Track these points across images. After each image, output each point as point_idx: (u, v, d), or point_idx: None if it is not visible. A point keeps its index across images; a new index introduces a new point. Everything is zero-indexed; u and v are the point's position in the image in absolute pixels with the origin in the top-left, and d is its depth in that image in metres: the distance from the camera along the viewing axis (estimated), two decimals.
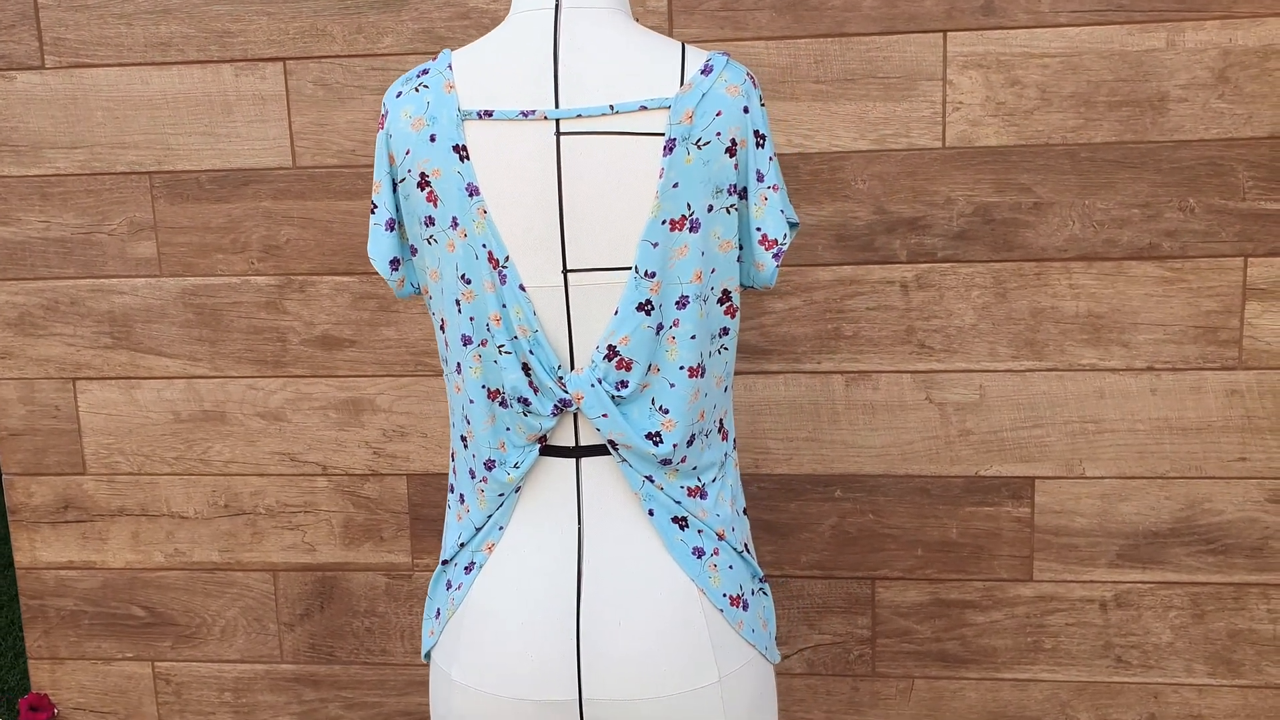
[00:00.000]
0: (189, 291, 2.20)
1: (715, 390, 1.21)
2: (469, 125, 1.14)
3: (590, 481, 1.18)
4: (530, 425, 1.17)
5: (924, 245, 2.03)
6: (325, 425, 2.22)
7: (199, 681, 2.35)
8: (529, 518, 1.20)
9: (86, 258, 2.22)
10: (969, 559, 2.13)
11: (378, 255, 1.23)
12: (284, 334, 2.20)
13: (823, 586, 2.17)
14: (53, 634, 2.37)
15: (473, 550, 1.22)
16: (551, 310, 1.15)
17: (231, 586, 2.31)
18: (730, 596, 1.21)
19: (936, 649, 2.17)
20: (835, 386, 2.10)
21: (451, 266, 1.16)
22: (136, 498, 2.30)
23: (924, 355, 2.07)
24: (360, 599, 2.29)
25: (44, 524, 2.33)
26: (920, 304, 2.05)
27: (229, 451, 2.26)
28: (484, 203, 1.14)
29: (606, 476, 1.18)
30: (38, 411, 2.28)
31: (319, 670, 2.32)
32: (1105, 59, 1.95)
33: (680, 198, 1.13)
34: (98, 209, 2.20)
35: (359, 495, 2.25)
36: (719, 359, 1.21)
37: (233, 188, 2.16)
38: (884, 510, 2.13)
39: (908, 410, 2.09)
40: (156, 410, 2.26)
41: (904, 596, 2.16)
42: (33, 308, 2.24)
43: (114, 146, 2.17)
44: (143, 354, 2.24)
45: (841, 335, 2.08)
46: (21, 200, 2.21)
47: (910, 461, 2.11)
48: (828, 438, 2.12)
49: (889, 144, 2.01)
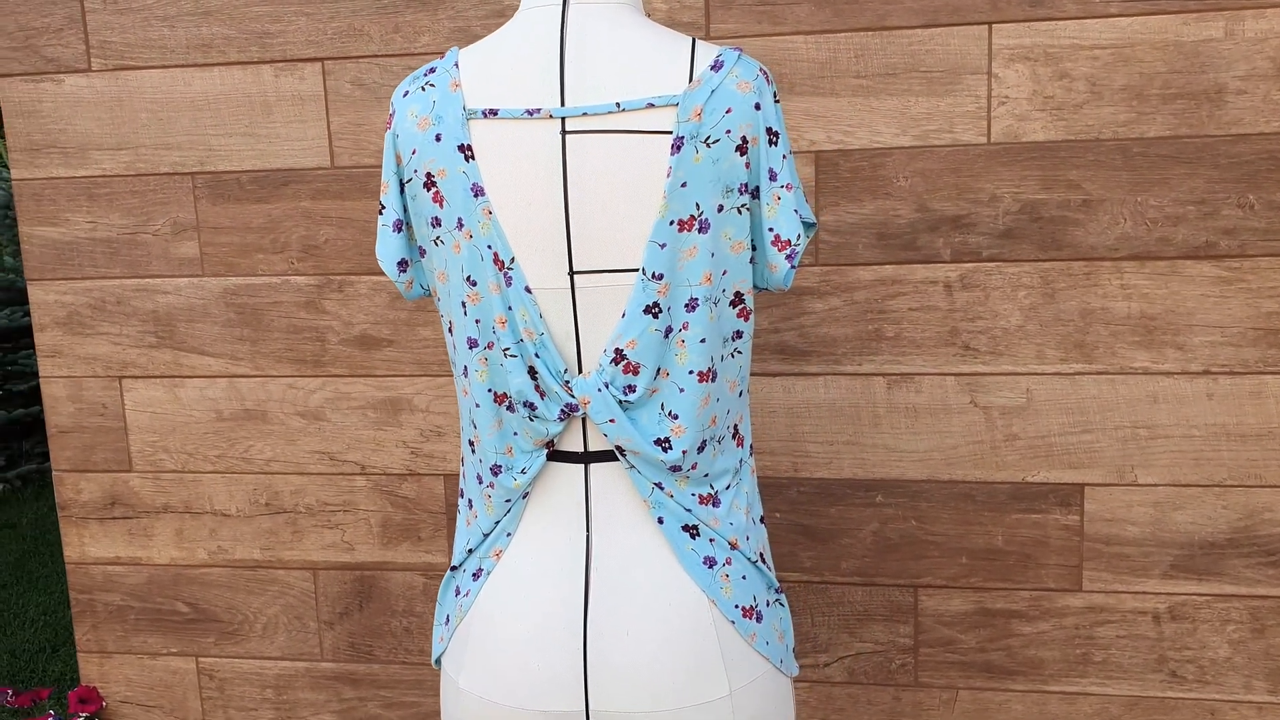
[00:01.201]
0: (230, 291, 2.22)
1: (728, 395, 1.18)
2: (474, 124, 1.12)
3: (599, 488, 1.16)
4: (537, 430, 1.14)
5: (968, 244, 1.98)
6: (364, 425, 2.23)
7: (241, 678, 2.37)
8: (537, 524, 1.17)
9: (132, 258, 2.24)
10: (1015, 567, 2.06)
11: (385, 257, 1.21)
12: (323, 333, 2.21)
13: (863, 593, 2.12)
14: (101, 628, 2.41)
15: (480, 557, 1.20)
16: (558, 312, 1.13)
17: (273, 584, 2.33)
18: (743, 608, 1.17)
19: (981, 659, 2.10)
20: (876, 389, 2.05)
21: (458, 268, 1.14)
22: (180, 495, 2.32)
23: (968, 357, 2.01)
24: (398, 598, 2.29)
25: (92, 520, 2.36)
26: (964, 304, 2.00)
27: (270, 450, 2.27)
28: (489, 203, 1.11)
29: (615, 483, 1.16)
30: (85, 409, 2.32)
31: (358, 669, 2.33)
32: (1159, 50, 1.87)
33: (689, 198, 1.10)
34: (142, 209, 2.22)
35: (397, 495, 2.25)
36: (732, 363, 1.17)
37: (273, 188, 2.17)
38: (927, 516, 2.08)
39: (951, 414, 2.03)
40: (199, 409, 2.28)
41: (948, 605, 2.10)
42: (80, 307, 2.28)
43: (158, 148, 2.19)
44: (186, 353, 2.26)
45: (883, 336, 2.03)
46: (70, 201, 2.24)
47: (954, 466, 2.05)
48: (869, 441, 2.07)
49: (932, 140, 1.95)
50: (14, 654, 3.44)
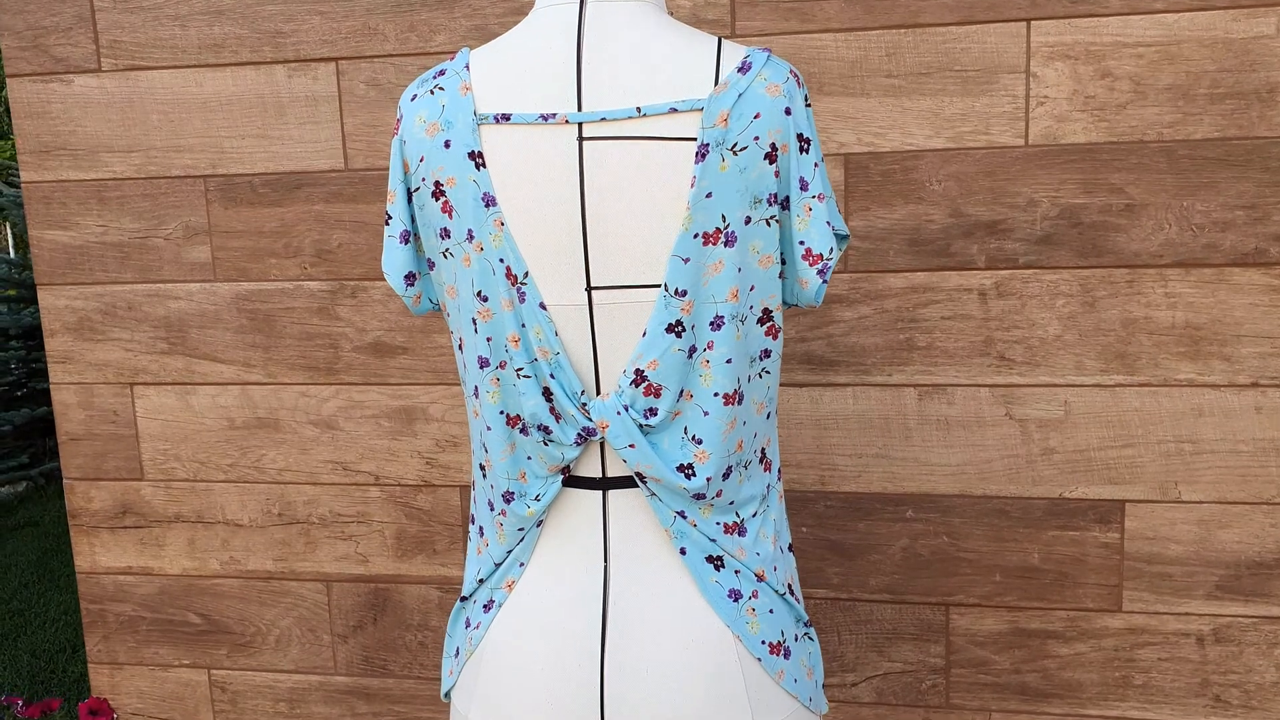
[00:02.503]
0: (242, 296, 2.17)
1: (755, 418, 1.11)
2: (485, 130, 1.05)
3: (618, 516, 1.09)
4: (552, 455, 1.08)
5: (1004, 250, 1.90)
6: (378, 434, 2.17)
7: (254, 690, 2.32)
8: (551, 554, 1.11)
9: (143, 262, 2.19)
10: (1051, 586, 1.98)
11: (392, 270, 1.14)
12: (336, 340, 2.15)
13: (893, 611, 2.05)
14: (112, 639, 2.36)
15: (492, 587, 1.13)
16: (574, 331, 1.06)
17: (285, 596, 2.27)
18: (770, 644, 1.10)
19: (1016, 681, 2.03)
20: (907, 400, 1.97)
21: (468, 282, 1.08)
22: (192, 504, 2.27)
23: (1004, 368, 1.93)
24: (413, 612, 2.23)
25: (103, 529, 2.32)
26: (1000, 313, 1.92)
27: (282, 459, 2.22)
28: (501, 214, 1.05)
29: (635, 511, 1.09)
30: (96, 416, 2.27)
31: (372, 683, 2.27)
32: (1207, 48, 1.78)
33: (714, 209, 1.03)
34: (153, 213, 2.17)
35: (412, 506, 2.19)
36: (759, 384, 1.10)
37: (285, 191, 2.11)
38: (959, 532, 2.00)
39: (986, 427, 1.95)
40: (211, 416, 2.23)
41: (980, 624, 2.02)
42: (91, 312, 2.23)
43: (169, 150, 2.14)
44: (198, 360, 2.21)
45: (915, 346, 1.95)
46: (80, 205, 2.19)
47: (988, 481, 1.97)
48: (899, 454, 1.99)
49: (967, 142, 1.88)
50: (34, 654, 3.41)
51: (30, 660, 3.37)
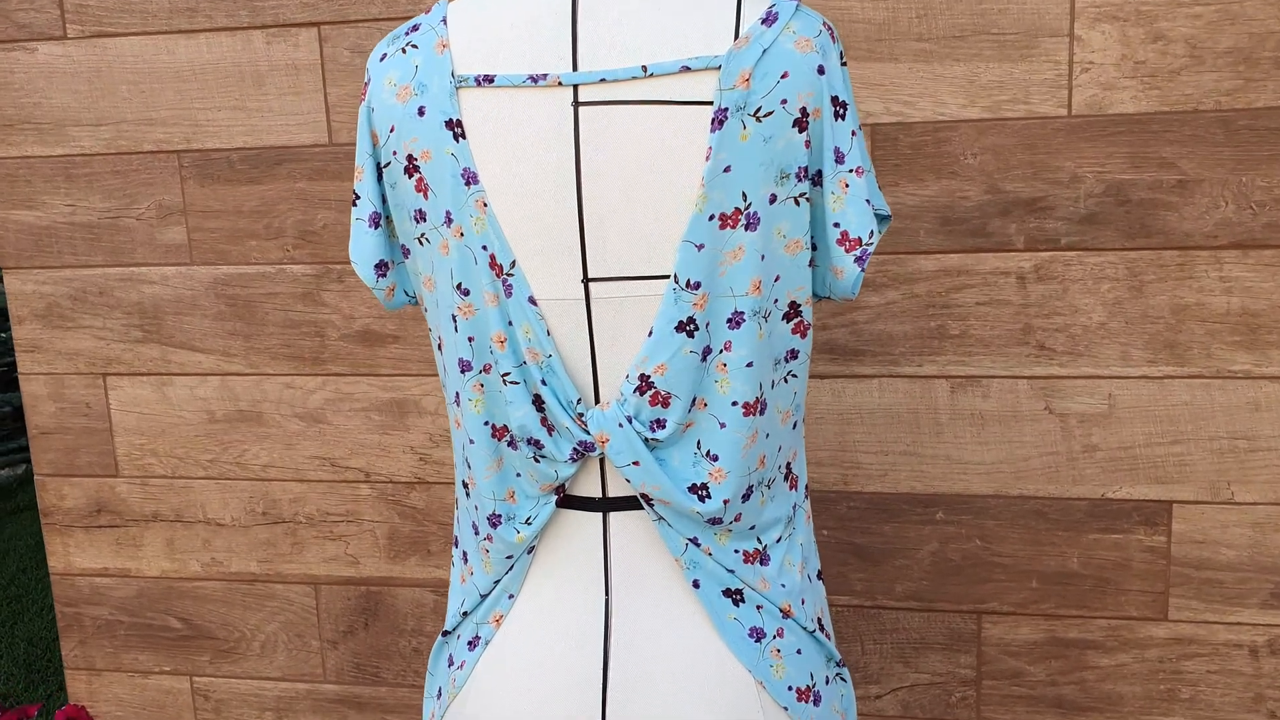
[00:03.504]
0: (221, 281, 2.02)
1: (780, 429, 0.96)
2: (465, 94, 0.90)
3: (621, 543, 0.94)
4: (544, 473, 0.93)
5: (1045, 230, 1.74)
6: (368, 428, 2.03)
7: (239, 699, 2.19)
8: (544, 586, 0.96)
9: (114, 244, 2.05)
10: (1092, 593, 1.84)
11: (360, 258, 0.99)
12: (322, 328, 2.00)
13: (921, 620, 1.90)
14: (89, 644, 2.23)
15: (477, 622, 0.99)
16: (569, 329, 0.91)
17: (271, 599, 2.14)
18: (797, 689, 0.96)
19: (1052, 694, 1.88)
20: (939, 393, 1.82)
21: (446, 273, 0.93)
22: (171, 502, 2.13)
23: (1043, 358, 1.78)
24: (407, 617, 2.09)
25: (77, 528, 2.18)
26: (1040, 298, 1.76)
27: (266, 455, 2.07)
28: (484, 193, 0.90)
29: (641, 537, 0.94)
30: (68, 409, 2.13)
31: (364, 692, 2.14)
32: (1272, 6, 1.62)
33: (733, 185, 0.87)
34: (125, 191, 2.02)
35: (405, 505, 2.05)
36: (784, 390, 0.95)
37: (265, 167, 1.96)
38: (993, 535, 1.85)
39: (1023, 421, 1.80)
40: (190, 409, 2.08)
41: (1015, 634, 1.88)
42: (60, 298, 2.08)
43: (140, 123, 1.99)
44: (174, 348, 2.07)
45: (947, 334, 1.80)
46: (46, 182, 2.04)
47: (1025, 480, 1.82)
48: (929, 452, 1.84)
49: (1004, 111, 1.72)
50: (30, 641, 3.30)
51: (26, 648, 3.26)
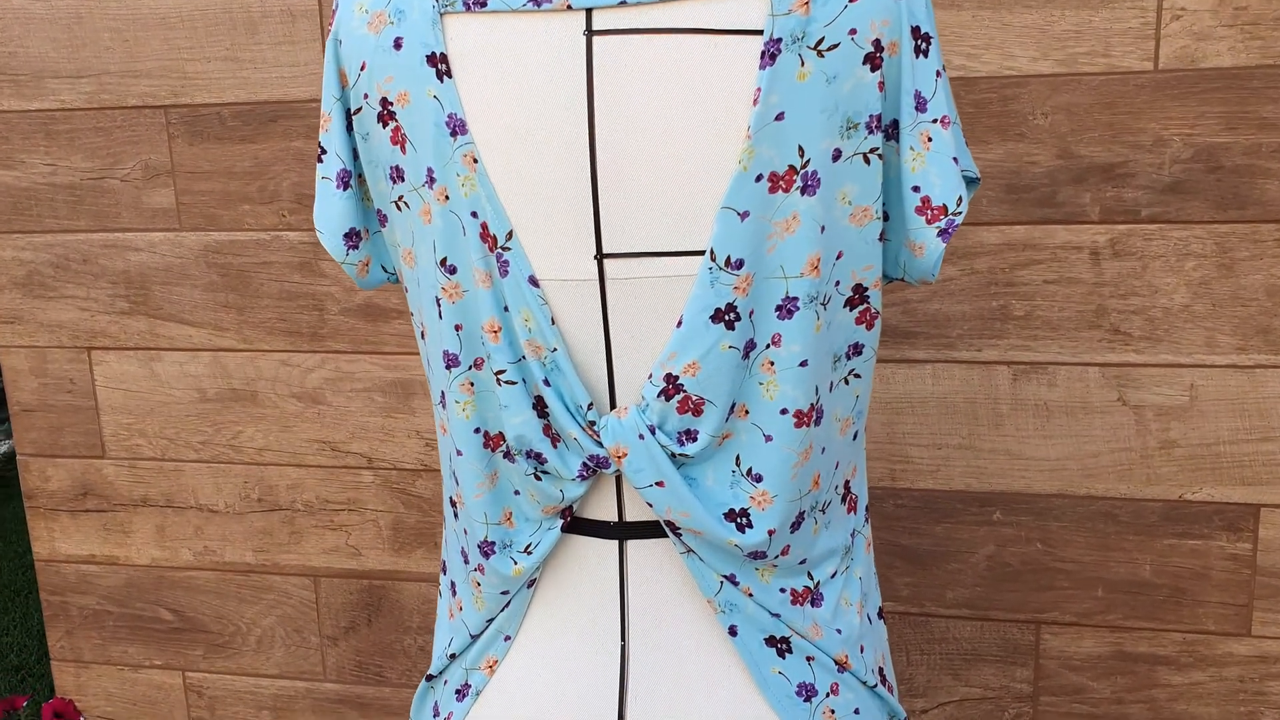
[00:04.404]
0: (212, 249, 1.86)
1: (838, 441, 0.78)
2: (451, 23, 0.72)
3: (641, 579, 0.77)
4: (547, 493, 0.76)
5: (1123, 200, 1.55)
6: (370, 410, 1.86)
7: (234, 696, 2.05)
8: (547, 628, 0.79)
9: (98, 208, 1.89)
10: (1165, 604, 1.66)
11: (327, 225, 0.82)
12: (320, 301, 1.84)
13: (973, 629, 1.73)
14: (76, 634, 2.09)
15: (467, 667, 0.82)
16: (579, 318, 0.73)
17: (268, 592, 1.99)
18: None
19: (1117, 713, 1.71)
20: (999, 381, 1.64)
21: (428, 246, 0.75)
22: (160, 486, 1.98)
23: (1117, 344, 1.59)
24: (412, 613, 1.94)
25: (62, 512, 2.04)
26: (1116, 277, 1.57)
27: (261, 437, 1.92)
28: (473, 146, 0.72)
29: (665, 573, 0.77)
30: (51, 385, 1.98)
31: (366, 692, 1.99)
32: None
33: (787, 137, 0.69)
34: (108, 150, 1.86)
35: (410, 493, 1.89)
36: (844, 393, 0.77)
37: (259, 124, 1.79)
38: (1056, 539, 1.67)
39: (1093, 414, 1.62)
40: (180, 387, 1.93)
41: (1077, 646, 1.70)
42: (41, 265, 1.93)
43: (124, 75, 1.82)
44: (163, 321, 1.91)
45: (1010, 315, 1.61)
46: (25, 140, 1.88)
47: (1094, 479, 1.64)
48: (987, 446, 1.66)
49: (1081, 66, 1.52)
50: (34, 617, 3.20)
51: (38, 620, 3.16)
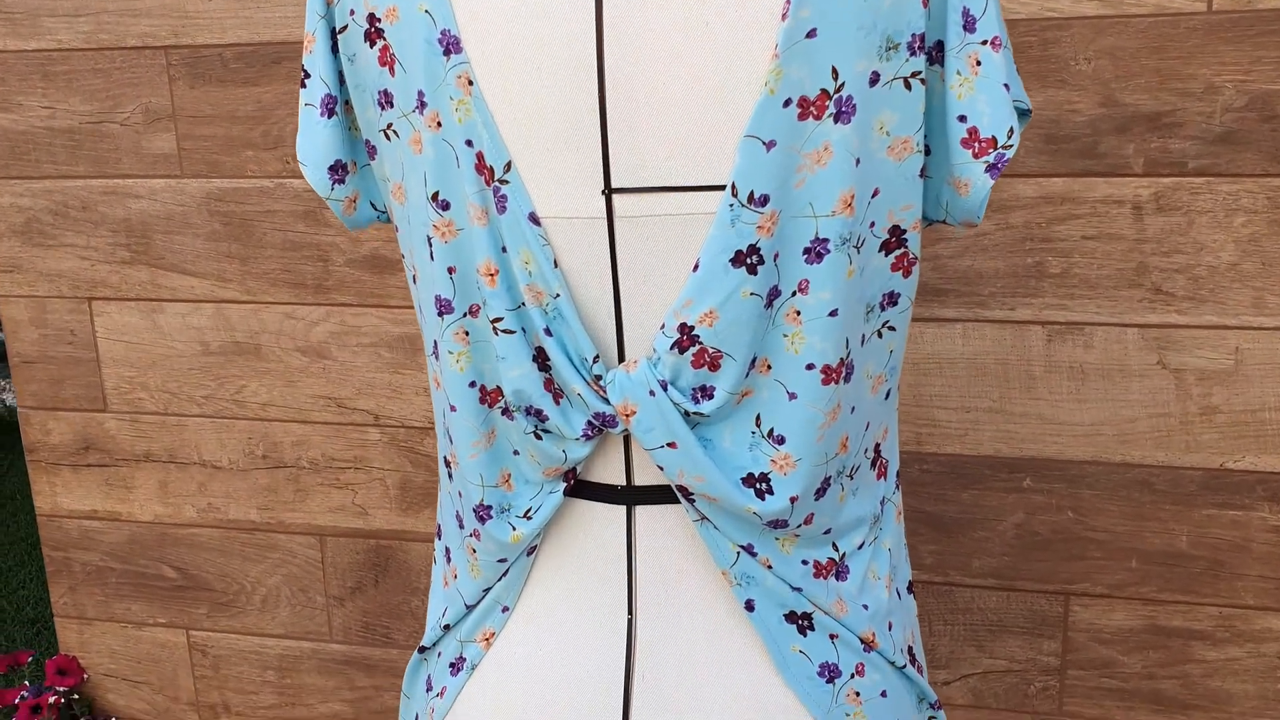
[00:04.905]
0: (214, 196, 1.79)
1: (868, 400, 0.71)
2: None
3: (650, 547, 0.71)
4: (548, 453, 0.69)
5: (1170, 151, 1.46)
6: (377, 366, 1.80)
7: (238, 656, 2.01)
8: (548, 599, 0.73)
9: (97, 153, 1.82)
10: (1202, 577, 1.59)
11: (310, 157, 0.75)
12: (326, 251, 1.77)
13: (999, 600, 1.66)
14: (79, 590, 2.05)
15: (461, 640, 0.76)
16: (585, 259, 0.66)
17: (273, 550, 1.94)
18: None
19: (1148, 688, 1.64)
20: (1033, 341, 1.56)
21: (419, 179, 0.68)
22: (163, 441, 1.93)
23: (1159, 303, 1.51)
24: (420, 574, 1.89)
25: (64, 466, 1.99)
26: (1159, 233, 1.49)
27: (265, 392, 1.86)
28: (468, 66, 0.65)
29: (677, 542, 0.70)
30: (51, 336, 1.93)
31: (373, 653, 1.94)
32: None
33: (819, 57, 0.62)
34: (108, 92, 1.79)
35: (418, 452, 1.83)
36: (877, 348, 0.70)
37: (263, 66, 1.72)
38: (1089, 507, 1.60)
39: (1131, 377, 1.54)
40: (182, 339, 1.87)
41: (1108, 619, 1.63)
42: (40, 212, 1.87)
43: (122, 14, 1.75)
44: (164, 271, 1.85)
45: (1046, 273, 1.53)
46: (21, 81, 1.82)
47: (1130, 445, 1.56)
48: (1018, 409, 1.59)
49: (1128, 7, 1.43)
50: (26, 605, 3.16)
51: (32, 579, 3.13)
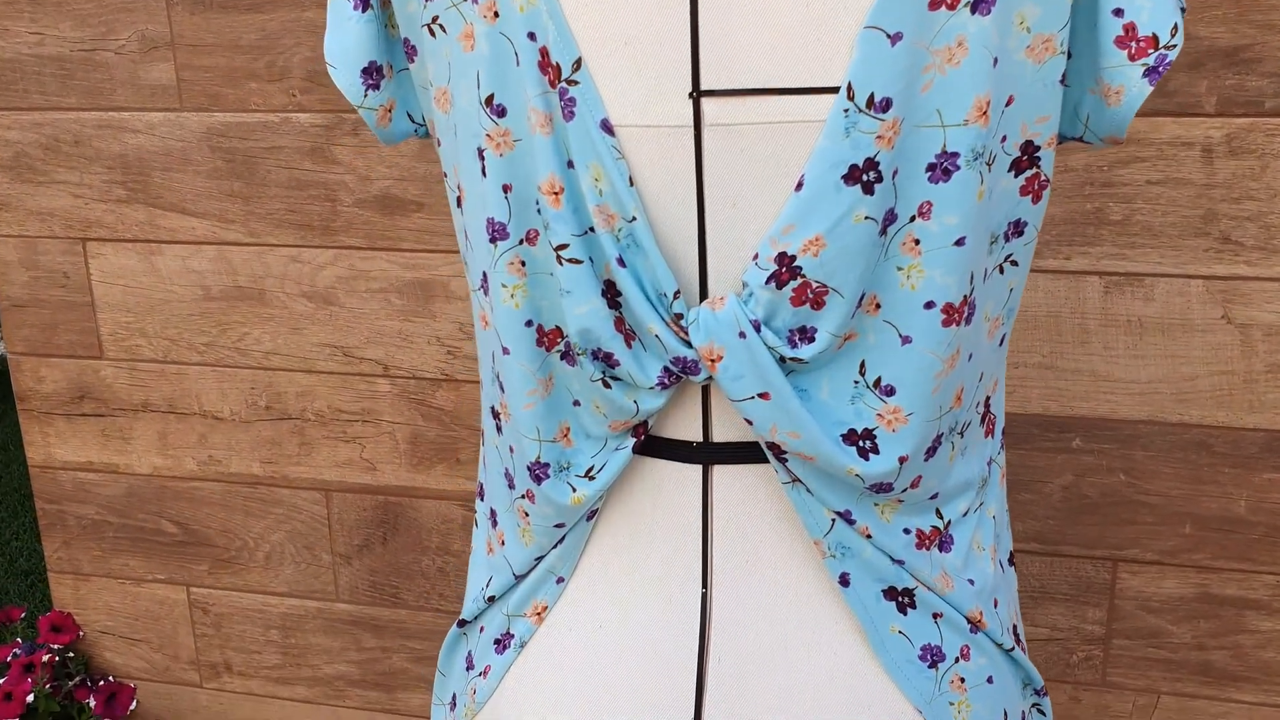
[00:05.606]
0: (215, 131, 1.69)
1: (985, 346, 0.62)
2: None
3: (730, 514, 0.62)
4: (616, 404, 0.60)
5: (1245, 89, 1.36)
6: (387, 313, 1.71)
7: (241, 614, 1.93)
8: (610, 570, 0.64)
9: (90, 83, 1.71)
10: (1259, 544, 1.51)
11: (340, 58, 0.65)
12: (333, 190, 1.67)
13: (1042, 565, 1.58)
14: (74, 545, 1.97)
15: (509, 614, 0.67)
16: (667, 177, 0.57)
17: (277, 506, 1.85)
18: None
19: (1197, 659, 1.57)
20: (1089, 293, 1.47)
21: (470, 80, 0.58)
22: (162, 390, 1.84)
23: (1227, 254, 1.42)
24: (431, 533, 1.81)
25: (57, 415, 1.90)
26: (1230, 178, 1.39)
27: (269, 340, 1.77)
28: None
29: (761, 507, 0.61)
30: (43, 279, 1.83)
31: (381, 614, 1.87)
32: None
33: None
34: (100, 18, 1.68)
35: (429, 405, 1.74)
36: (998, 284, 0.61)
37: None
38: (1141, 469, 1.51)
39: (1193, 332, 1.45)
40: (182, 283, 1.77)
41: (1157, 587, 1.56)
42: (29, 146, 1.76)
43: None
44: (163, 210, 1.75)
45: (1106, 220, 1.44)
46: (7, 4, 1.70)
47: (1189, 404, 1.48)
48: (1070, 365, 1.50)
49: None
50: None
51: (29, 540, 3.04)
